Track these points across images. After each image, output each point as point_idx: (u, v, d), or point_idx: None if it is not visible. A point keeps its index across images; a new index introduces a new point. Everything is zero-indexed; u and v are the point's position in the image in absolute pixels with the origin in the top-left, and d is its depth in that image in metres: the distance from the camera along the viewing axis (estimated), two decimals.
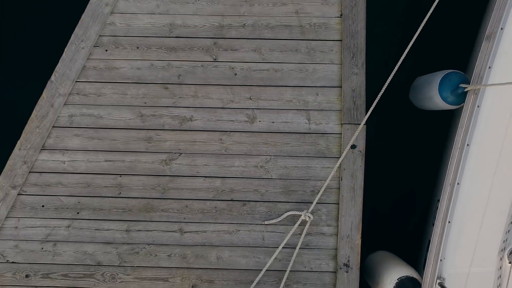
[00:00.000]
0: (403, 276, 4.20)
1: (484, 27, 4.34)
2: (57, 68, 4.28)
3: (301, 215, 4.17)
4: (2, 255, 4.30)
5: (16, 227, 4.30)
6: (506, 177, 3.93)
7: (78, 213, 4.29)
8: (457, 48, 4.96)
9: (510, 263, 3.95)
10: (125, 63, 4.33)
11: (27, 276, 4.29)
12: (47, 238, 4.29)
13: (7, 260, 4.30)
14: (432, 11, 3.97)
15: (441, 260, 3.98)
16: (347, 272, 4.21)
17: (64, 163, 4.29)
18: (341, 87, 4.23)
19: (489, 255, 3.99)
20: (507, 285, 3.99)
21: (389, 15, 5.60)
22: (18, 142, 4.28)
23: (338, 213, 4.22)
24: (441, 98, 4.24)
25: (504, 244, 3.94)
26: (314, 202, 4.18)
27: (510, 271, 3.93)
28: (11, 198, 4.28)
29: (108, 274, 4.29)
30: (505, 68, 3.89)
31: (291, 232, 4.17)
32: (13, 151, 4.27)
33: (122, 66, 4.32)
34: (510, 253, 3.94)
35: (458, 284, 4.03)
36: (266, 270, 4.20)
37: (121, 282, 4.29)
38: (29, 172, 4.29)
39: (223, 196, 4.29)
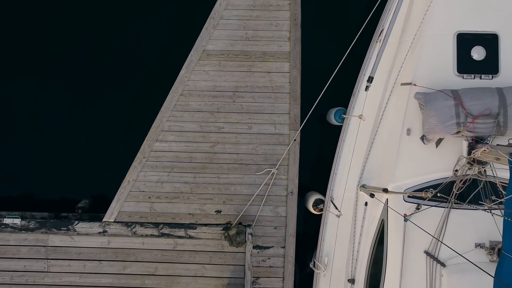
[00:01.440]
0: (317, 198, 9.38)
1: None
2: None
3: (271, 170, 9.37)
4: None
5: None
6: (362, 149, 8.92)
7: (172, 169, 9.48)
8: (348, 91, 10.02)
9: (361, 191, 8.97)
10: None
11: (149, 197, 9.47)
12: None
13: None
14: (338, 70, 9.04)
15: (332, 190, 9.10)
16: (292, 195, 9.40)
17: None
18: (289, 113, 9.44)
19: (353, 185, 9.04)
20: (356, 208, 8.93)
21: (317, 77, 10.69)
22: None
23: (288, 169, 9.42)
24: (335, 120, 9.45)
25: (360, 180, 8.99)
26: (277, 164, 9.38)
27: (358, 198, 8.89)
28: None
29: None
30: (360, 107, 8.97)
31: (268, 177, 9.36)
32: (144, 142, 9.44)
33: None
34: (361, 186, 8.99)
35: (339, 203, 9.06)
36: (256, 195, 9.38)
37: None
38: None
39: (238, 162, 9.51)
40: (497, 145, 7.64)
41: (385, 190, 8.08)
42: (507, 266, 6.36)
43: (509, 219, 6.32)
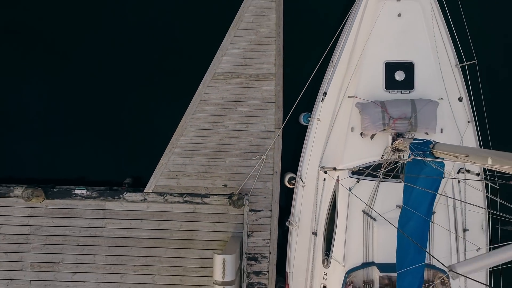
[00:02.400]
0: (290, 176, 13.29)
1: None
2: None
3: (262, 156, 13.33)
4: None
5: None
6: (321, 141, 12.77)
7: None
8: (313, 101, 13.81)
9: (321, 171, 12.76)
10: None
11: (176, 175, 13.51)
12: None
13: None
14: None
15: (301, 170, 12.94)
16: (276, 174, 13.33)
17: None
18: (274, 117, 13.39)
19: (315, 166, 12.87)
20: (317, 182, 12.65)
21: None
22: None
23: (274, 156, 13.36)
24: (303, 121, 13.38)
25: (320, 163, 12.83)
26: (266, 152, 13.33)
27: (318, 176, 12.70)
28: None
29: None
30: (319, 113, 12.72)
31: (259, 161, 13.32)
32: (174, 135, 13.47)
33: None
34: (321, 167, 12.79)
35: (305, 179, 12.84)
36: (251, 174, 13.33)
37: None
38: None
39: (238, 151, 13.50)
40: (406, 138, 11.44)
41: (335, 169, 11.99)
42: (404, 216, 9.98)
43: (406, 184, 9.99)
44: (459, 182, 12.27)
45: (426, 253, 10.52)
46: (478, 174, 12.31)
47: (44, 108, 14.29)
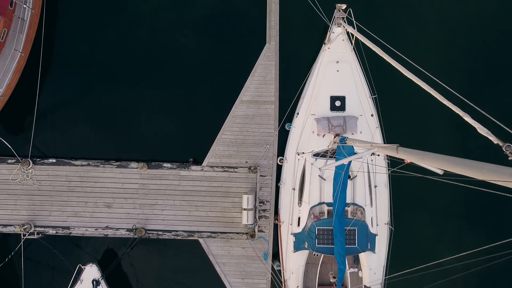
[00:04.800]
0: (280, 157, 24.17)
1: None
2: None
3: (266, 146, 24.23)
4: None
5: None
6: (296, 138, 23.49)
7: None
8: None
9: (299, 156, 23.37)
10: None
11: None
12: None
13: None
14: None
15: (286, 154, 23.65)
16: (274, 156, 24.23)
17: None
18: (273, 124, 24.27)
19: (293, 152, 23.55)
20: (295, 161, 23.33)
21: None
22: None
23: (273, 146, 24.24)
24: (287, 127, 24.16)
25: (296, 149, 23.49)
26: (269, 144, 24.22)
27: (295, 158, 23.38)
28: None
29: None
30: (295, 123, 23.46)
31: (265, 149, 24.23)
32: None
33: None
34: (297, 153, 23.41)
35: (288, 159, 23.57)
36: (260, 156, 24.25)
37: None
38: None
39: (255, 142, 24.48)
40: (340, 136, 22.08)
41: (303, 153, 22.75)
42: (337, 177, 20.72)
43: (337, 157, 20.58)
44: (372, 154, 22.72)
45: (348, 193, 21.01)
46: (379, 155, 22.89)
47: (151, 119, 25.40)
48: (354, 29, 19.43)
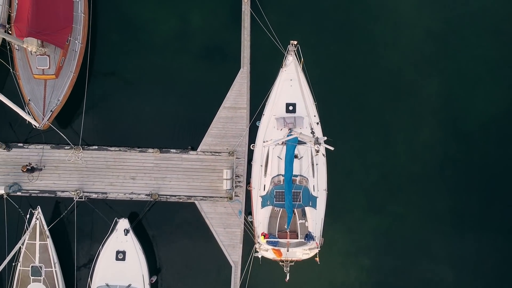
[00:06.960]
0: (252, 144, 35.10)
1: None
2: None
3: (241, 137, 35.13)
4: None
5: None
6: (263, 132, 34.25)
7: None
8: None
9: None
10: None
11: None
12: None
13: None
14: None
15: (256, 142, 34.46)
16: (246, 144, 35.16)
17: None
18: (246, 122, 35.25)
19: (261, 140, 34.27)
20: (262, 148, 34.20)
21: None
22: None
23: (245, 137, 35.16)
24: (257, 124, 34.90)
25: (263, 139, 34.21)
26: (243, 135, 35.17)
27: (262, 145, 34.16)
28: None
29: None
30: (262, 121, 34.35)
31: (241, 138, 35.16)
32: None
33: None
34: (263, 141, 34.06)
35: (257, 145, 34.31)
36: (238, 143, 35.16)
37: None
38: None
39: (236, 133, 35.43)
40: (293, 131, 32.96)
41: (267, 141, 33.43)
42: (288, 154, 31.60)
43: (289, 144, 31.36)
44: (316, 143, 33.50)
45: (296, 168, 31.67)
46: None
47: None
48: (301, 59, 31.08)
